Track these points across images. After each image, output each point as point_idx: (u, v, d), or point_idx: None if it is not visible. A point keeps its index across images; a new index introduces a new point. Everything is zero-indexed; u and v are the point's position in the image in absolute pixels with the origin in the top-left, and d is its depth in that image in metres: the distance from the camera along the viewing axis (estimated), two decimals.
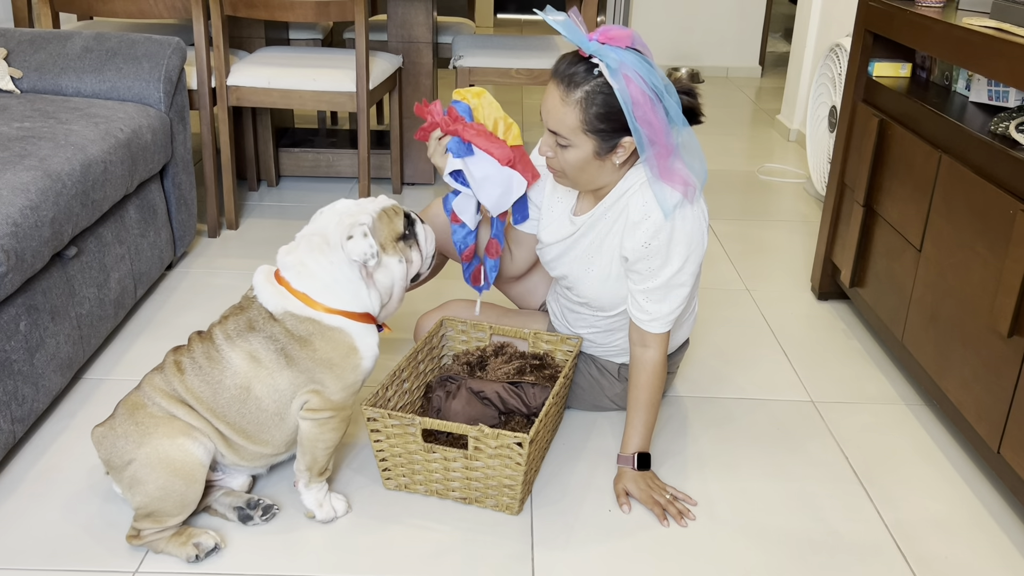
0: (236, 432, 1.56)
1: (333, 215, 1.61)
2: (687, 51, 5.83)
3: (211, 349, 1.57)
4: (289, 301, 1.56)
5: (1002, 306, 1.67)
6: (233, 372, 1.54)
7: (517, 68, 3.27)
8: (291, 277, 1.57)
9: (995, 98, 2.04)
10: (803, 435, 1.98)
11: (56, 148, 1.99)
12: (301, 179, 3.57)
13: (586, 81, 1.56)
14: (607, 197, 1.74)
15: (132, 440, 1.51)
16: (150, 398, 1.55)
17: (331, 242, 1.57)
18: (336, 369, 1.58)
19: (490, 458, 1.62)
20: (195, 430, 1.54)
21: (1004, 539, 1.68)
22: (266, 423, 1.58)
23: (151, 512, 1.52)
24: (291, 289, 1.57)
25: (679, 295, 1.72)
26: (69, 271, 1.98)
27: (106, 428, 1.55)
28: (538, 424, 1.64)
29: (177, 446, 1.51)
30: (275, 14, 2.81)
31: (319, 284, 1.56)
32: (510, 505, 1.68)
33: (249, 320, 1.58)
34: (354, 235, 1.53)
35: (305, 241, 1.59)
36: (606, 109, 1.57)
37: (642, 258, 1.69)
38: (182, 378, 1.55)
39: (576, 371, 1.98)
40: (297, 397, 1.57)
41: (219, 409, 1.54)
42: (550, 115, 1.62)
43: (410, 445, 1.66)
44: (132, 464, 1.50)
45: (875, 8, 2.31)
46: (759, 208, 3.42)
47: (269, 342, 1.55)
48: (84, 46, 2.53)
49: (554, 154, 1.67)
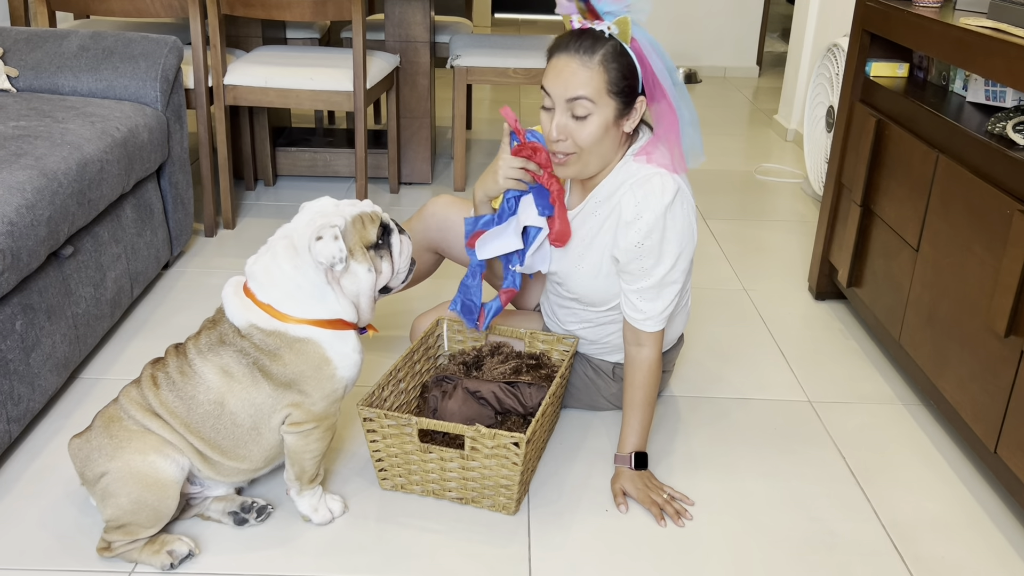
0: (211, 448, 1.53)
1: (306, 215, 1.56)
2: (685, 51, 5.84)
3: (184, 364, 1.53)
4: (254, 314, 1.51)
5: (999, 306, 1.67)
6: (207, 387, 1.50)
7: (515, 68, 3.27)
8: (256, 288, 1.52)
9: (992, 98, 2.04)
10: (800, 435, 1.98)
11: (52, 147, 1.99)
12: (298, 178, 3.57)
13: (600, 44, 1.59)
14: (598, 189, 1.74)
15: (105, 453, 1.48)
16: (126, 411, 1.52)
17: (297, 246, 1.51)
18: (311, 381, 1.52)
19: (487, 458, 1.62)
20: (169, 445, 1.50)
21: (1001, 539, 1.68)
22: (242, 439, 1.53)
23: (122, 525, 1.49)
24: (256, 301, 1.51)
25: (672, 292, 1.73)
26: (65, 270, 1.97)
27: (82, 440, 1.52)
28: (535, 424, 1.64)
29: (149, 463, 1.48)
30: (272, 13, 2.81)
31: (281, 292, 1.50)
32: (507, 505, 1.67)
33: (220, 334, 1.53)
34: (324, 236, 1.47)
35: (269, 253, 1.53)
36: (625, 70, 1.61)
37: (635, 258, 1.69)
38: (157, 392, 1.51)
39: (572, 371, 1.97)
40: (277, 412, 1.53)
41: (194, 424, 1.51)
42: (570, 83, 1.60)
43: (406, 445, 1.66)
44: (104, 477, 1.48)
45: (872, 8, 2.32)
46: (756, 208, 3.42)
47: (240, 356, 1.50)
48: (80, 45, 2.52)
49: (566, 135, 1.64)
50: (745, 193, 3.59)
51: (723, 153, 4.14)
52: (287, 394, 1.52)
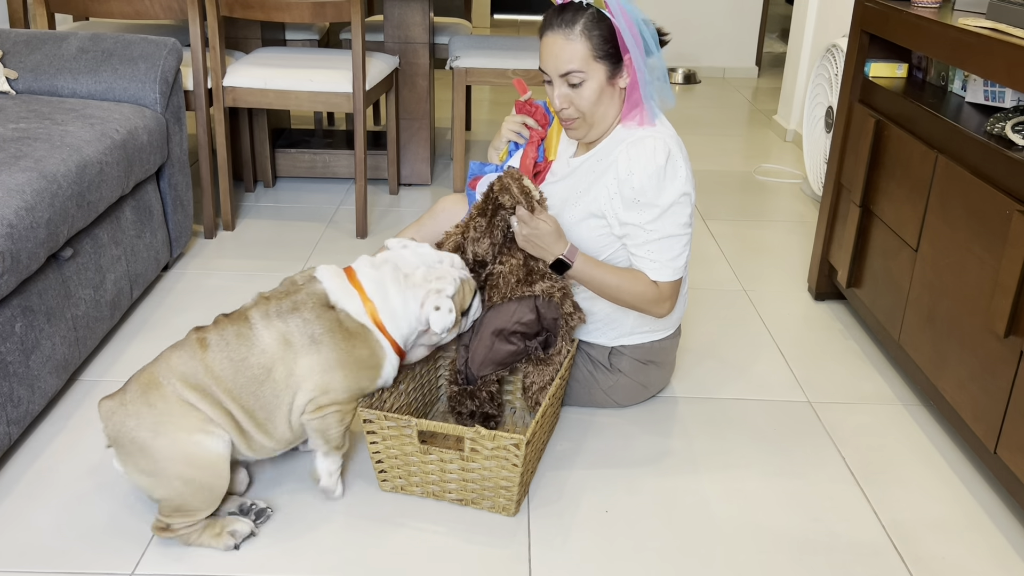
0: (248, 418, 1.55)
1: (418, 260, 1.70)
2: (684, 51, 5.84)
3: (244, 327, 1.57)
4: (354, 302, 1.62)
5: (998, 306, 1.67)
6: (261, 351, 1.55)
7: (514, 69, 3.27)
8: (369, 287, 1.64)
9: (991, 98, 2.04)
10: (800, 435, 1.98)
11: (52, 149, 1.99)
12: (297, 180, 3.57)
13: (580, 15, 1.71)
14: (601, 145, 1.84)
15: (145, 424, 1.48)
16: (167, 378, 1.52)
17: (413, 284, 1.67)
18: (354, 371, 1.60)
19: (486, 459, 1.62)
20: (211, 423, 1.52)
21: (1001, 539, 1.68)
22: (275, 412, 1.57)
23: (179, 507, 1.51)
24: (364, 295, 1.63)
25: (674, 244, 1.80)
26: (65, 272, 1.97)
27: (116, 403, 1.51)
28: (534, 425, 1.64)
29: (195, 442, 1.49)
30: (271, 15, 2.81)
31: (389, 308, 1.64)
32: (507, 506, 1.67)
33: (295, 303, 1.59)
34: (441, 307, 1.64)
35: (391, 269, 1.67)
36: (606, 32, 1.71)
37: (633, 216, 1.77)
38: (204, 355, 1.53)
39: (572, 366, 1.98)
40: (301, 392, 1.57)
41: (236, 390, 1.53)
42: (559, 59, 1.72)
43: (406, 447, 1.66)
44: (147, 453, 1.47)
45: (871, 8, 2.32)
46: (756, 208, 3.42)
47: (305, 326, 1.57)
48: (80, 47, 2.52)
49: (568, 103, 1.76)
50: (744, 193, 3.59)
51: (722, 153, 4.14)
52: (323, 376, 1.57)
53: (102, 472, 1.77)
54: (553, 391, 1.76)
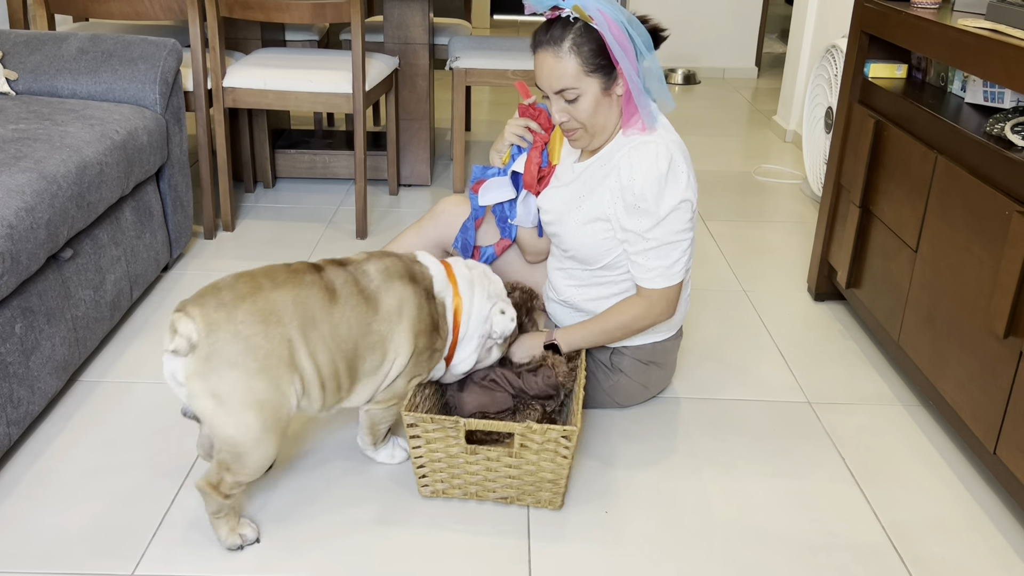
0: (345, 377, 1.58)
1: (494, 275, 1.82)
2: (683, 52, 5.84)
3: (364, 282, 1.61)
4: (449, 297, 1.72)
5: (998, 307, 1.67)
6: (382, 317, 1.60)
7: (513, 69, 3.27)
8: (462, 285, 1.73)
9: (990, 99, 2.04)
10: (800, 436, 1.98)
11: (52, 150, 1.99)
12: (297, 180, 3.57)
13: (567, 31, 1.69)
14: (604, 150, 1.84)
15: (257, 356, 1.43)
16: (290, 317, 1.47)
17: (493, 294, 1.77)
18: (422, 358, 1.68)
19: (535, 454, 1.62)
20: (297, 377, 1.49)
21: (1000, 539, 1.68)
22: (369, 379, 1.63)
23: (232, 463, 1.46)
24: (456, 290, 1.72)
25: (674, 250, 1.80)
26: (65, 273, 1.97)
27: (223, 316, 1.42)
28: (580, 416, 1.67)
29: (283, 393, 1.47)
30: (271, 16, 2.81)
31: (471, 310, 1.73)
32: (552, 500, 1.69)
33: (412, 274, 1.66)
34: (507, 312, 1.74)
35: (481, 275, 1.78)
36: (595, 45, 1.69)
37: (634, 222, 1.77)
38: (332, 309, 1.53)
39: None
40: (395, 365, 1.63)
41: (350, 352, 1.57)
42: (551, 78, 1.72)
43: (452, 448, 1.65)
44: (242, 383, 1.42)
45: (871, 9, 2.32)
46: (755, 209, 3.42)
47: (415, 298, 1.64)
48: (80, 48, 2.52)
49: (567, 116, 1.76)
50: (744, 194, 3.59)
51: (722, 154, 4.14)
52: (404, 355, 1.64)
53: (102, 472, 1.77)
54: (577, 390, 1.78)
